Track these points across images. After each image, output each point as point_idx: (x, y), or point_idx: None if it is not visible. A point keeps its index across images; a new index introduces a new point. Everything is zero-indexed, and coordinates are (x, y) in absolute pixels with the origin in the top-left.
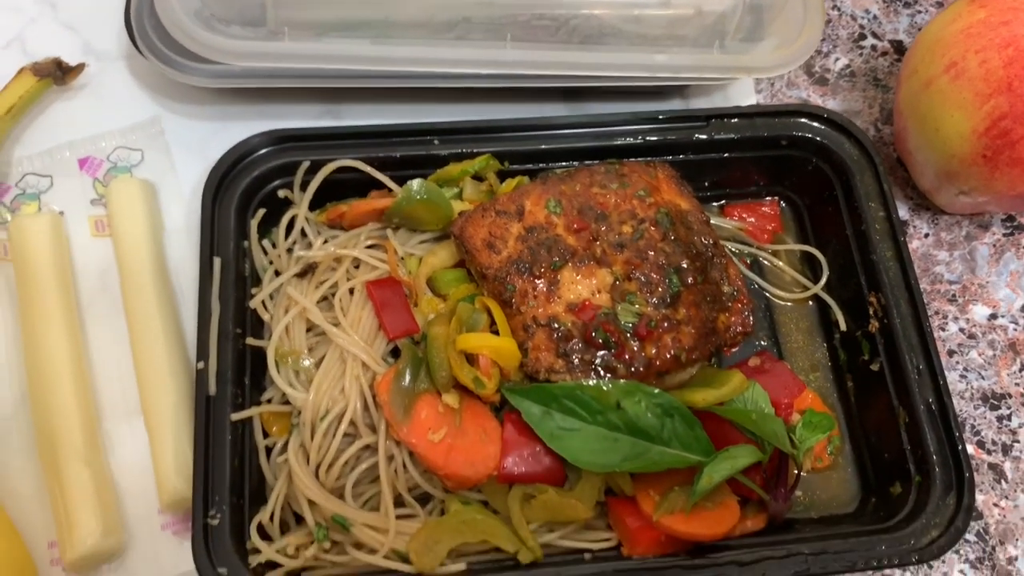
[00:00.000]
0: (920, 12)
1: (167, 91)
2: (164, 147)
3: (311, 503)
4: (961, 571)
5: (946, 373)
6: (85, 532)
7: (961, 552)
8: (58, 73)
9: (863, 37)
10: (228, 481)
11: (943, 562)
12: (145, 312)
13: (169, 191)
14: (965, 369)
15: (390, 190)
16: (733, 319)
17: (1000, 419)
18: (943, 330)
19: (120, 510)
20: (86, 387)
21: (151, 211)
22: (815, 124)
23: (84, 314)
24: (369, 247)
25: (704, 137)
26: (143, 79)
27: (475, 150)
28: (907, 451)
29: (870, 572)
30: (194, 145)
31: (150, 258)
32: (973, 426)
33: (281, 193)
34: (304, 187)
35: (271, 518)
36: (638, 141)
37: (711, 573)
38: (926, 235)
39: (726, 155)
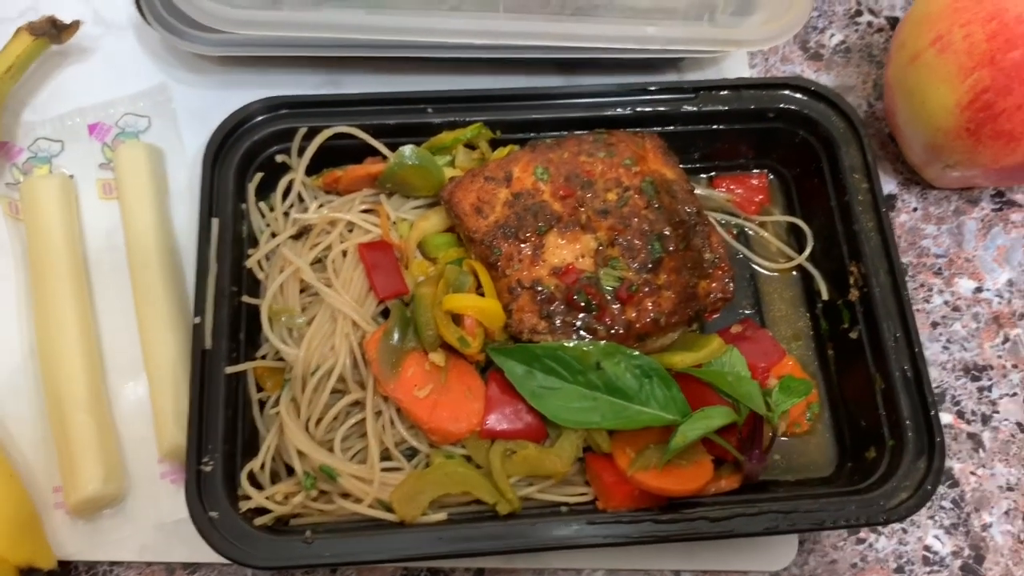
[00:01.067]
0: None
1: (174, 60)
2: (171, 114)
3: (300, 454)
4: (936, 536)
5: (929, 345)
6: (88, 477)
7: (936, 518)
8: (53, 31)
9: (859, 13)
10: (221, 431)
11: (918, 527)
12: (148, 270)
13: (175, 156)
14: (948, 341)
15: (385, 157)
16: (714, 285)
17: (981, 390)
18: (927, 302)
19: (122, 459)
20: (91, 341)
21: (156, 174)
22: (802, 97)
23: (92, 272)
24: (363, 212)
25: (692, 109)
26: (151, 48)
27: (468, 119)
28: (882, 417)
29: (847, 537)
30: (199, 112)
31: (154, 218)
32: (953, 396)
33: (279, 158)
34: (301, 152)
35: (262, 467)
36: (627, 112)
37: (682, 527)
38: (915, 209)
39: (714, 127)
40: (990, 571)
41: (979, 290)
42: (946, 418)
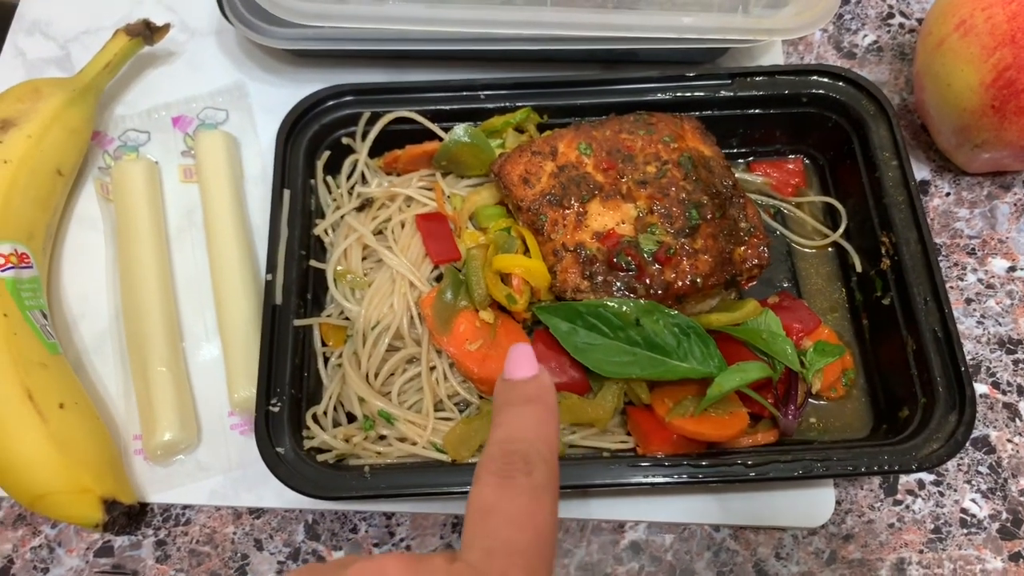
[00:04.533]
0: None
1: (250, 61)
2: (246, 108)
3: (361, 400)
4: (973, 500)
5: (963, 319)
6: (164, 424)
7: (973, 483)
8: (147, 32)
9: (891, 16)
10: (288, 376)
11: (954, 490)
12: (224, 243)
13: (249, 146)
14: (982, 316)
15: (441, 139)
16: (749, 252)
17: (1016, 363)
18: (961, 280)
19: (195, 410)
20: (171, 306)
21: (232, 159)
22: (833, 82)
23: (172, 246)
24: (420, 188)
25: (729, 94)
26: (230, 51)
27: (517, 104)
28: (914, 377)
29: (884, 497)
30: (272, 107)
31: (230, 198)
32: (988, 368)
33: (344, 140)
34: (365, 136)
35: (324, 412)
36: (667, 97)
37: (719, 471)
38: (947, 194)
39: (750, 112)
40: None
41: (1012, 269)
42: (982, 388)
